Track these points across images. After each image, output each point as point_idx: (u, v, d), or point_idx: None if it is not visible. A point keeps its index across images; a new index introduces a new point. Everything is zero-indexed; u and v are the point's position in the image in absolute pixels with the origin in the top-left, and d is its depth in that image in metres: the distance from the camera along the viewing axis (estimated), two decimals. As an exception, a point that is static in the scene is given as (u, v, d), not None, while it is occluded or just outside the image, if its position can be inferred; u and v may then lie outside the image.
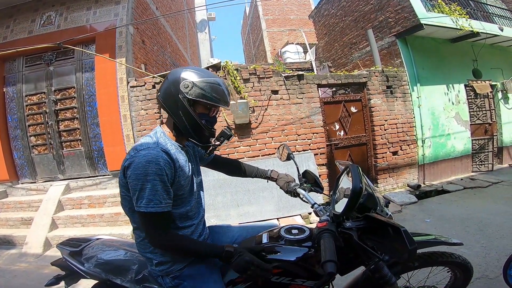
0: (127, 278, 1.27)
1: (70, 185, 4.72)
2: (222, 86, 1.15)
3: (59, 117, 4.95)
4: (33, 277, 3.13)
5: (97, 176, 4.88)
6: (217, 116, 1.25)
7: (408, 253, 0.93)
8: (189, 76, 1.11)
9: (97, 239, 1.54)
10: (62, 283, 1.45)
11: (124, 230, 3.87)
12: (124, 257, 1.35)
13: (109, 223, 4.11)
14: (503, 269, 1.87)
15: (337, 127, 5.29)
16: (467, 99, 6.37)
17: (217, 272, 1.19)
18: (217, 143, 1.26)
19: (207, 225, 1.38)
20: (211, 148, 1.26)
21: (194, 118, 1.13)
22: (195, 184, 1.27)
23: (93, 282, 1.39)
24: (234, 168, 1.62)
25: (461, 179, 5.74)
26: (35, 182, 5.00)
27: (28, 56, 4.99)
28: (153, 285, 1.24)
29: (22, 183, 5.04)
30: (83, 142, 4.90)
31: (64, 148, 4.97)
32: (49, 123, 4.91)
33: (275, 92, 4.87)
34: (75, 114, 4.91)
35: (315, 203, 1.40)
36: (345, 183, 1.27)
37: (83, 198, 4.41)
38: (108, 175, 4.76)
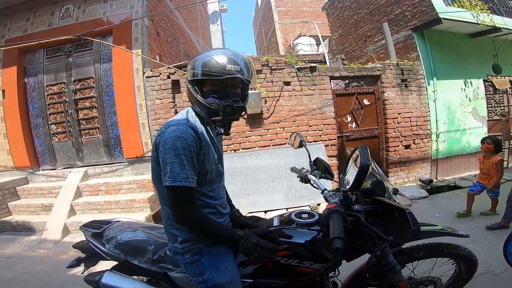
0: (144, 259, 1.33)
1: (88, 172, 4.90)
2: (218, 56, 1.08)
3: (78, 106, 5.12)
4: (51, 263, 3.20)
5: (113, 163, 5.05)
6: (235, 91, 1.16)
7: (411, 234, 0.98)
8: (195, 59, 1.14)
9: (117, 221, 1.61)
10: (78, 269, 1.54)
11: (138, 217, 3.97)
12: (141, 238, 1.41)
13: (124, 210, 4.24)
14: (503, 248, 1.87)
15: (349, 119, 5.28)
16: (486, 94, 6.19)
17: (231, 252, 1.23)
18: (219, 118, 1.13)
19: None
20: (222, 126, 1.20)
21: (195, 97, 1.14)
22: (219, 167, 1.30)
23: (111, 264, 1.44)
24: None
25: (475, 175, 5.61)
26: (55, 169, 5.21)
27: (48, 48, 5.15)
28: (169, 265, 1.29)
29: (42, 170, 5.26)
30: (101, 130, 5.07)
31: (83, 136, 5.15)
32: (69, 111, 5.09)
33: (287, 83, 4.89)
34: (93, 103, 5.07)
35: (325, 189, 1.46)
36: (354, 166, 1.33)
37: (100, 185, 4.57)
38: (124, 162, 4.92)
